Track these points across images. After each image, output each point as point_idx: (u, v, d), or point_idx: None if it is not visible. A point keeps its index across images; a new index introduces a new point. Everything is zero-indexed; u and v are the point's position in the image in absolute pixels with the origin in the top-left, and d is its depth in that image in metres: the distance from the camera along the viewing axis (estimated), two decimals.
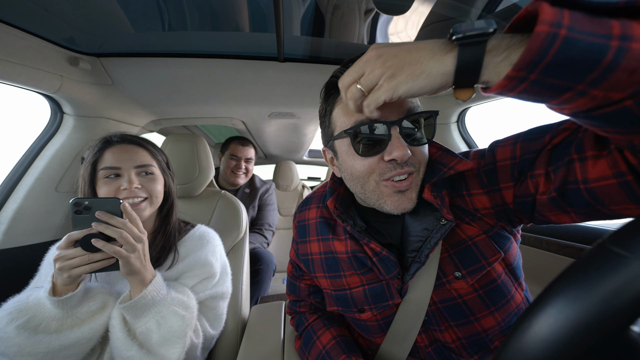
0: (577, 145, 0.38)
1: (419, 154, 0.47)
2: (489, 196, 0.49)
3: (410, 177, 0.47)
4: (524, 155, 0.45)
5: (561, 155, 0.40)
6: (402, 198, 0.47)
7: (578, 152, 0.38)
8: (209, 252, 0.80)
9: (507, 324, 0.51)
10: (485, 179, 0.50)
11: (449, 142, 1.46)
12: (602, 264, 0.20)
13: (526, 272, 0.96)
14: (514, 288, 0.51)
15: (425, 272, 0.51)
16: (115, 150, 0.72)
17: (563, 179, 0.39)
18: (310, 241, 0.65)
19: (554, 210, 0.42)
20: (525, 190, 0.45)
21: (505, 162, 0.47)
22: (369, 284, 0.56)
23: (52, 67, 0.88)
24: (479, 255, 0.49)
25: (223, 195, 1.15)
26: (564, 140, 0.41)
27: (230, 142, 1.75)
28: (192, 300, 0.70)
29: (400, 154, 0.43)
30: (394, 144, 0.43)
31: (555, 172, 0.40)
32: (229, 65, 1.05)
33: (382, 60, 0.35)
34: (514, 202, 0.47)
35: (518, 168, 0.45)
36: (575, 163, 0.38)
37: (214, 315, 0.80)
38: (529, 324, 0.21)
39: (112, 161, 0.70)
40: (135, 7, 0.77)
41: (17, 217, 0.98)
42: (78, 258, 0.55)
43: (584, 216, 0.40)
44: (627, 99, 0.26)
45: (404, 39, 0.97)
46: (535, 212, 0.45)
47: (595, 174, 0.36)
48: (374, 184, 0.48)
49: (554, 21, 0.25)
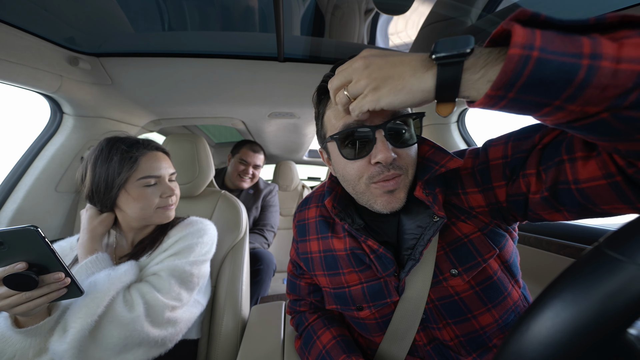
0: (567, 145, 0.39)
1: (405, 156, 0.48)
2: (484, 195, 0.50)
3: (397, 179, 0.48)
4: (514, 154, 0.46)
5: (552, 155, 0.41)
6: (391, 198, 0.49)
7: (568, 153, 0.38)
8: (194, 231, 0.82)
9: (505, 321, 0.51)
10: (480, 177, 0.51)
11: (449, 142, 1.46)
12: (598, 267, 0.20)
13: (526, 272, 0.96)
14: (510, 285, 0.52)
15: (422, 269, 0.52)
16: (151, 158, 0.75)
17: (554, 179, 0.40)
18: (310, 240, 0.66)
19: (547, 209, 0.43)
20: (517, 189, 0.46)
21: (497, 162, 0.48)
22: (367, 281, 0.56)
23: (51, 66, 0.88)
24: (474, 252, 0.50)
25: (223, 195, 1.15)
26: (554, 140, 0.42)
27: (242, 146, 1.76)
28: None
29: (384, 156, 0.44)
30: (379, 147, 0.45)
31: (546, 171, 0.41)
32: (229, 65, 1.05)
33: (368, 72, 0.37)
34: (507, 201, 0.48)
35: (509, 167, 0.46)
36: (566, 164, 0.38)
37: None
38: (527, 327, 0.21)
39: (151, 170, 0.74)
40: (135, 7, 0.77)
41: (16, 217, 0.98)
42: (15, 297, 0.49)
43: (576, 214, 0.41)
44: (603, 112, 0.27)
45: (404, 39, 0.97)
46: (528, 210, 0.46)
47: (586, 175, 0.36)
48: (364, 186, 0.50)
49: (525, 43, 0.26)
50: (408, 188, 0.51)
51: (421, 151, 0.55)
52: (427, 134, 1.53)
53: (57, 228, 1.13)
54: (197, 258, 0.77)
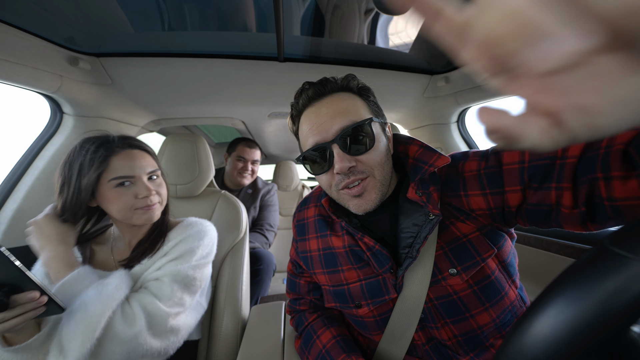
0: (603, 162, 0.37)
1: (365, 160, 0.51)
2: (486, 198, 0.50)
3: (362, 183, 0.51)
4: (533, 160, 0.45)
5: (585, 171, 0.39)
6: (361, 201, 0.52)
7: (604, 171, 0.37)
8: (194, 233, 0.80)
9: (502, 321, 0.51)
10: (486, 181, 0.50)
11: (449, 142, 1.46)
12: (602, 264, 0.20)
13: (526, 272, 0.96)
14: (507, 285, 0.53)
15: (421, 268, 0.53)
16: (124, 157, 0.69)
17: (587, 194, 0.39)
18: (309, 239, 0.67)
19: (576, 224, 0.42)
20: (542, 199, 0.44)
21: (512, 166, 0.47)
22: (366, 278, 0.57)
23: (51, 66, 0.88)
24: (473, 252, 0.50)
25: (223, 195, 1.15)
26: (585, 154, 0.39)
27: (238, 143, 1.77)
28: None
29: (340, 167, 0.49)
30: (336, 159, 0.50)
31: (580, 186, 0.39)
32: (229, 65, 1.05)
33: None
34: (521, 207, 0.47)
35: (528, 173, 0.45)
36: (600, 181, 0.37)
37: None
38: (530, 324, 0.21)
39: (124, 169, 0.68)
40: (135, 6, 0.77)
41: (16, 217, 0.98)
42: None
43: (600, 227, 0.40)
44: None
45: (404, 39, 0.97)
46: (549, 220, 0.45)
47: (625, 194, 0.35)
48: (335, 193, 0.55)
49: None
50: (379, 188, 0.53)
51: (410, 151, 0.57)
52: (427, 134, 1.53)
53: None
54: (199, 262, 0.76)
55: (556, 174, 0.42)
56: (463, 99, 1.23)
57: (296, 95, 0.57)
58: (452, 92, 1.24)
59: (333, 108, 0.52)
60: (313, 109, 0.54)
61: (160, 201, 0.76)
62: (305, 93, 0.55)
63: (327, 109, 0.52)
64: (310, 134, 0.52)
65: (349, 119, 0.50)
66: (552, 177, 0.42)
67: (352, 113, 0.52)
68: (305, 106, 0.55)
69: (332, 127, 0.50)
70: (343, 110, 0.51)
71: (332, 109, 0.52)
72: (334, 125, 0.50)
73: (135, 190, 0.70)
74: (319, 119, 0.52)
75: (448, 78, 1.19)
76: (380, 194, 0.53)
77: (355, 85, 0.55)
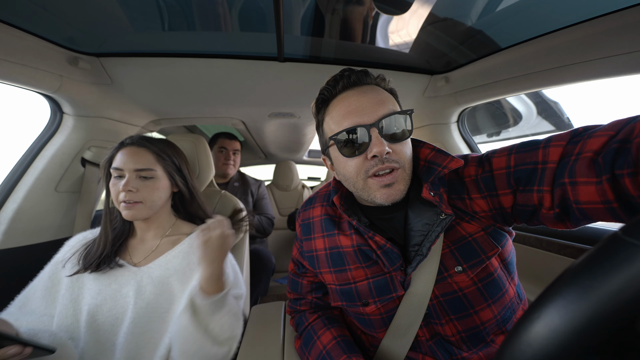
0: (570, 169, 0.42)
1: (399, 150, 0.52)
2: (486, 200, 0.53)
3: (394, 172, 0.52)
4: (517, 165, 0.49)
5: (558, 176, 0.44)
6: (390, 190, 0.52)
7: (570, 177, 0.42)
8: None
9: (503, 317, 0.54)
10: (483, 185, 0.54)
11: (449, 142, 1.46)
12: (616, 254, 0.20)
13: (527, 272, 0.96)
14: (507, 282, 0.55)
15: (428, 265, 0.54)
16: (124, 152, 0.75)
17: (561, 197, 0.43)
18: (315, 238, 0.67)
19: (553, 222, 0.47)
20: (527, 201, 0.48)
21: (500, 171, 0.52)
22: (373, 277, 0.58)
23: (51, 67, 0.88)
24: (478, 250, 0.52)
25: (223, 195, 1.15)
26: (562, 160, 0.44)
27: (218, 137, 1.89)
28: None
29: (379, 149, 0.49)
30: (374, 142, 0.50)
31: (556, 190, 0.44)
32: (229, 65, 1.05)
33: None
34: (513, 208, 0.51)
35: (514, 177, 0.50)
36: (567, 186, 0.42)
37: None
38: (539, 314, 0.21)
39: (118, 163, 0.74)
40: (135, 6, 0.77)
41: (16, 217, 0.98)
42: None
43: (576, 225, 0.46)
44: None
45: (405, 39, 0.97)
46: (534, 219, 0.50)
47: (585, 198, 0.40)
48: (362, 182, 0.54)
49: None
50: (407, 181, 0.54)
51: (422, 154, 0.58)
52: (427, 134, 1.53)
53: (57, 228, 1.13)
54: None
55: (538, 178, 0.46)
56: (463, 99, 1.23)
57: (331, 80, 0.57)
58: (452, 92, 1.24)
59: (375, 96, 0.54)
60: (353, 93, 0.55)
61: (143, 201, 0.73)
62: (346, 78, 0.56)
63: (369, 95, 0.54)
64: (349, 115, 0.53)
65: (389, 108, 0.53)
66: (535, 181, 0.47)
67: (392, 104, 0.54)
68: (344, 89, 0.56)
69: (376, 111, 0.51)
70: (384, 100, 0.54)
71: (374, 96, 0.54)
72: (377, 111, 0.52)
73: (121, 185, 0.73)
74: (360, 103, 0.53)
75: (448, 78, 1.19)
76: (406, 188, 0.54)
77: (386, 84, 0.58)
